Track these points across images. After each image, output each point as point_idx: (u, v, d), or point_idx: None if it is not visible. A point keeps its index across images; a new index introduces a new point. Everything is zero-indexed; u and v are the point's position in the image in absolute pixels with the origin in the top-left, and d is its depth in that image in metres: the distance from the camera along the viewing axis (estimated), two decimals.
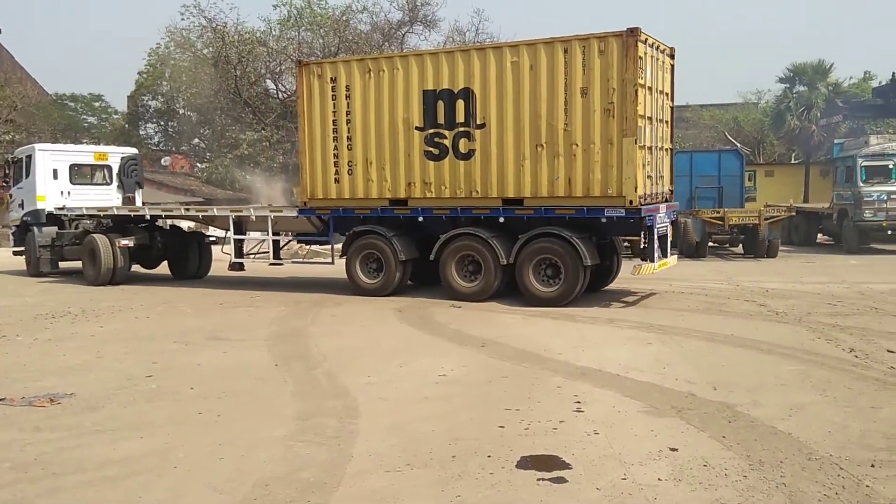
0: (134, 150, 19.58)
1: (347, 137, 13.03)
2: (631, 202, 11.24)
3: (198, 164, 39.70)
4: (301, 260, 15.77)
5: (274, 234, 14.48)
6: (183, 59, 34.29)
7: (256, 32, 31.58)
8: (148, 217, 15.96)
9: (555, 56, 11.50)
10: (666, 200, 12.58)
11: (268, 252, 14.68)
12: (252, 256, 15.20)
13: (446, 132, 12.34)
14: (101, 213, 16.21)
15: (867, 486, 4.51)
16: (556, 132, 11.58)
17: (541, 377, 7.36)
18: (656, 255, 11.76)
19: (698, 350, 8.58)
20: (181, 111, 37.69)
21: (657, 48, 11.84)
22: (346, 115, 13.00)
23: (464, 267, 12.44)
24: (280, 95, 33.19)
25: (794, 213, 22.25)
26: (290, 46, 31.59)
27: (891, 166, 20.68)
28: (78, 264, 16.46)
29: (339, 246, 14.07)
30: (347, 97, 12.97)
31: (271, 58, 31.65)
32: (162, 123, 39.25)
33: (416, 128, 12.51)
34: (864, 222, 20.63)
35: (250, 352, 8.85)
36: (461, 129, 12.23)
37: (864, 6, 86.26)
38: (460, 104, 12.17)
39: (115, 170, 17.92)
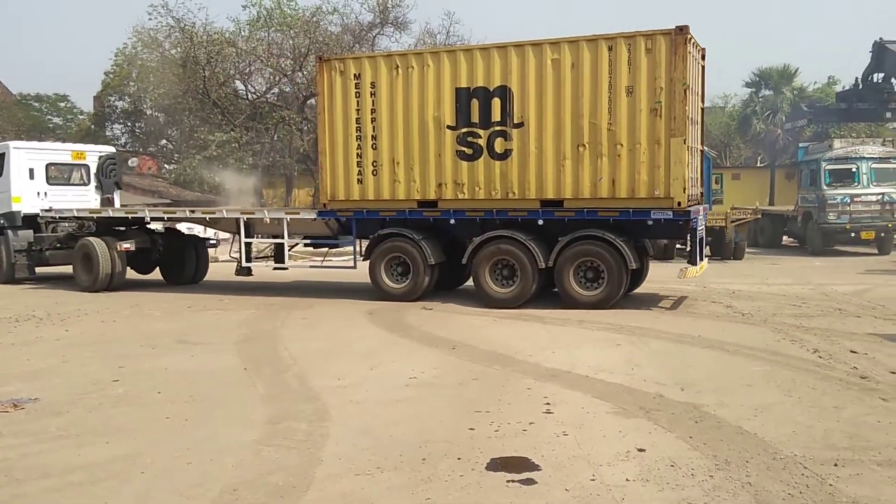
0: (111, 149, 18.85)
1: (372, 136, 12.55)
2: (679, 204, 11.08)
3: (165, 166, 39.26)
4: (320, 264, 15.03)
5: (276, 236, 14.02)
6: (150, 59, 33.83)
7: (225, 33, 31.27)
8: (148, 219, 15.20)
9: (598, 54, 11.24)
10: (698, 202, 12.30)
11: (272, 256, 14.27)
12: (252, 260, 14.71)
13: (481, 131, 11.97)
14: (96, 216, 15.39)
15: (830, 484, 4.59)
16: (600, 132, 11.32)
17: (511, 379, 7.39)
18: (699, 257, 11.70)
19: (666, 351, 8.67)
20: (148, 112, 37.21)
21: (695, 47, 11.59)
22: (371, 113, 12.51)
23: (497, 271, 12.09)
24: (249, 96, 32.93)
25: (759, 216, 22.60)
26: (260, 47, 31.34)
27: (854, 170, 21.08)
28: (58, 270, 15.89)
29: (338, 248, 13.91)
30: (372, 94, 12.49)
31: (240, 58, 31.38)
32: (129, 124, 38.72)
33: (448, 127, 12.11)
34: (828, 225, 21.01)
35: (219, 355, 8.77)
36: (497, 128, 11.87)
37: (828, 12, 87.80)
38: (496, 102, 11.82)
39: (93, 169, 17.26)
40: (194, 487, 4.73)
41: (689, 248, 11.86)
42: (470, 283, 12.79)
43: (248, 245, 14.20)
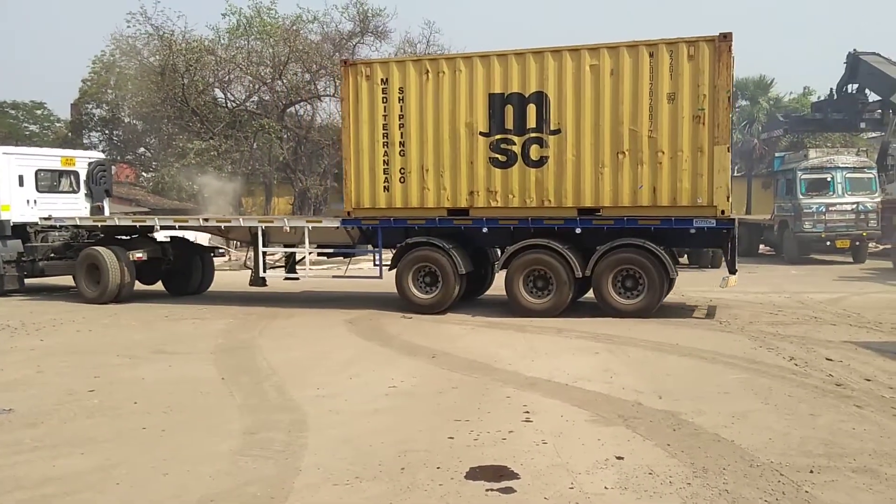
0: (101, 155, 18.24)
1: (400, 143, 12.24)
2: (723, 212, 11.03)
3: (143, 174, 38.99)
4: (342, 274, 14.35)
5: (287, 245, 13.76)
6: (129, 66, 33.63)
7: (204, 41, 31.17)
8: (158, 228, 14.62)
9: (639, 60, 11.13)
10: None
11: (283, 265, 13.98)
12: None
13: (515, 138, 11.75)
14: (101, 225, 14.83)
15: (806, 491, 4.63)
16: (640, 139, 11.20)
17: (491, 388, 7.39)
18: (736, 265, 11.67)
19: (645, 359, 8.71)
20: (126, 119, 36.98)
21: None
22: (399, 118, 12.22)
23: (530, 281, 11.92)
24: (228, 104, 32.81)
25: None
26: (239, 55, 31.25)
27: (829, 179, 21.33)
28: (51, 281, 15.42)
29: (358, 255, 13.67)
30: (401, 100, 12.19)
31: (220, 66, 31.26)
32: (106, 132, 38.41)
33: (481, 133, 11.88)
34: (804, 233, 21.24)
35: (196, 365, 8.71)
36: (533, 134, 11.66)
37: (804, 24, 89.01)
38: (531, 109, 11.62)
39: (83, 176, 16.65)
40: (171, 498, 4.69)
41: (728, 258, 11.77)
42: (492, 292, 12.64)
43: (264, 254, 13.86)
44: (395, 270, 12.55)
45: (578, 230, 11.66)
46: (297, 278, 14.31)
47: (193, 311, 13.09)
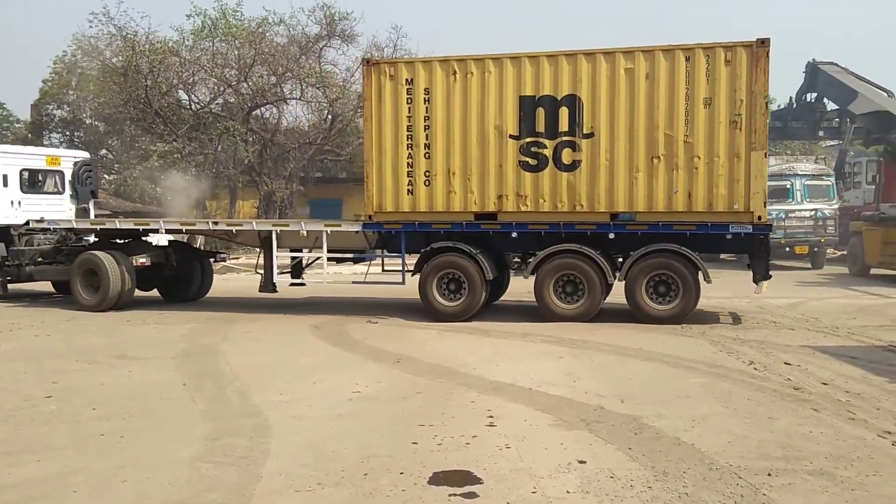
0: (86, 155, 17.36)
1: (425, 145, 11.93)
2: (759, 218, 11.07)
3: (105, 176, 38.41)
4: (363, 280, 13.48)
5: (295, 250, 13.37)
6: (91, 67, 33.14)
7: (169, 42, 30.85)
8: (163, 231, 13.87)
9: (675, 64, 11.08)
10: None
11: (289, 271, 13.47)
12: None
13: (546, 141, 11.56)
14: (99, 228, 14.19)
15: (764, 494, 4.70)
16: (676, 144, 11.14)
17: (455, 392, 7.40)
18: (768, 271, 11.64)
19: (608, 363, 8.79)
20: (88, 121, 36.43)
21: None
22: (425, 120, 11.90)
23: (559, 286, 11.75)
24: (193, 106, 32.47)
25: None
26: (204, 57, 30.95)
27: (788, 186, 21.71)
28: (36, 287, 14.85)
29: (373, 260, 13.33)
30: (426, 101, 11.88)
31: (184, 68, 30.94)
32: (67, 133, 37.77)
33: (511, 136, 11.66)
34: None
35: (157, 370, 8.59)
36: (565, 138, 11.49)
37: (763, 33, 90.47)
38: (564, 112, 11.46)
39: (68, 176, 15.80)
40: None
41: (762, 264, 11.82)
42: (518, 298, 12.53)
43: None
44: (417, 276, 12.25)
45: (612, 235, 11.54)
46: (304, 284, 13.85)
47: (156, 315, 12.92)
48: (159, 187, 29.51)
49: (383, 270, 13.29)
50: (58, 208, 15.47)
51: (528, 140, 11.65)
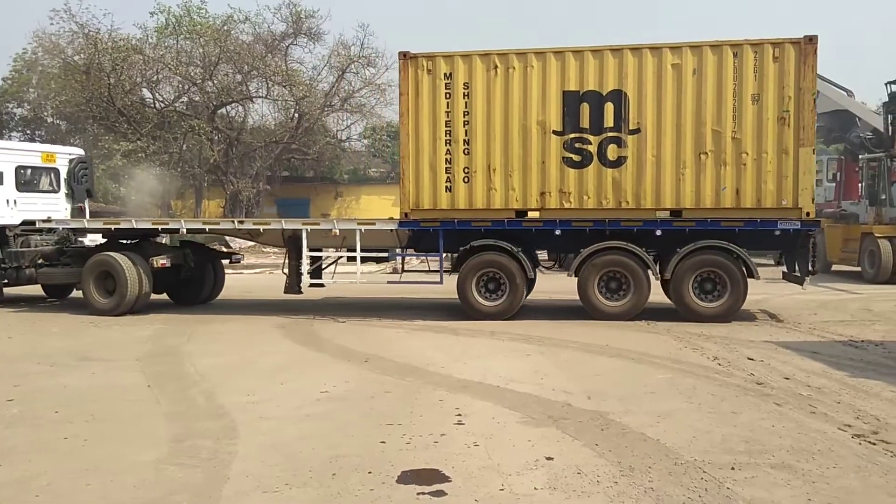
0: (81, 152, 16.73)
1: (465, 141, 11.71)
2: (808, 214, 11.06)
3: None
4: (398, 280, 13.15)
5: (313, 249, 12.79)
6: (52, 65, 32.63)
7: (132, 39, 30.46)
8: (184, 231, 13.31)
9: (723, 60, 11.07)
10: None
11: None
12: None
13: (591, 137, 11.43)
14: (113, 228, 13.52)
15: (728, 487, 4.77)
16: (724, 140, 11.13)
17: (423, 391, 7.40)
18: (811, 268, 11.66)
19: (574, 360, 8.86)
20: (49, 119, 35.83)
21: None
22: (464, 115, 11.68)
23: (603, 284, 11.67)
24: (157, 105, 32.10)
25: None
26: (168, 55, 30.63)
27: None
28: (28, 290, 14.41)
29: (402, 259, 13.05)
30: (466, 96, 11.67)
31: (148, 66, 30.59)
32: (28, 132, 37.11)
33: (554, 132, 11.52)
34: None
35: (122, 372, 8.48)
36: (610, 134, 11.38)
37: (722, 34, 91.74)
38: (609, 107, 11.37)
39: (63, 174, 15.11)
40: None
41: (808, 259, 11.72)
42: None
43: (299, 262, 12.80)
44: (456, 276, 12.07)
45: (659, 232, 11.45)
46: (323, 285, 13.33)
47: (119, 318, 12.73)
48: (123, 187, 29.12)
49: (403, 271, 13.08)
50: (53, 207, 14.80)
51: (571, 136, 11.54)
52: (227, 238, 14.50)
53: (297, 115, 33.43)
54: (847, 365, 8.37)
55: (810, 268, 11.59)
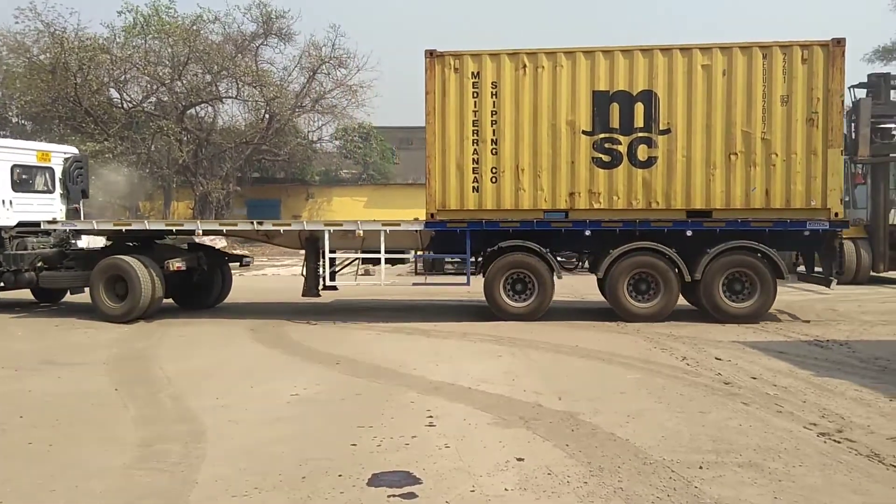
0: (75, 150, 16.06)
1: (493, 141, 11.61)
2: (836, 214, 11.18)
3: None
4: (422, 281, 13.05)
5: (332, 250, 12.41)
6: (17, 64, 32.06)
7: (99, 39, 30.06)
8: (200, 232, 12.86)
9: (753, 61, 11.18)
10: None
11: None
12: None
13: (621, 137, 11.45)
14: (124, 230, 13.02)
15: (696, 486, 4.82)
16: (753, 141, 11.23)
17: (395, 393, 7.39)
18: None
19: (545, 361, 8.89)
20: (14, 119, 35.20)
21: None
22: (492, 115, 11.59)
23: (632, 284, 11.66)
24: (125, 105, 31.70)
25: None
26: (136, 55, 30.28)
27: None
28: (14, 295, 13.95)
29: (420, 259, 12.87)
30: (494, 95, 11.58)
31: (115, 66, 30.20)
32: None
33: (584, 132, 11.50)
34: None
35: (88, 376, 8.36)
36: (640, 134, 11.41)
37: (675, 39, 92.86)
38: (639, 107, 11.40)
39: (58, 174, 14.44)
40: None
41: (830, 260, 11.95)
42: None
43: (316, 265, 12.52)
44: (483, 277, 11.98)
45: (689, 233, 11.45)
46: (336, 288, 12.94)
47: (86, 319, 12.55)
48: (90, 188, 28.66)
49: (429, 273, 12.94)
50: (48, 208, 14.20)
51: (601, 136, 11.54)
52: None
53: (267, 115, 33.24)
54: (812, 364, 8.50)
55: (838, 269, 11.69)
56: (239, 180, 34.71)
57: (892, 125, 17.17)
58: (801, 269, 13.10)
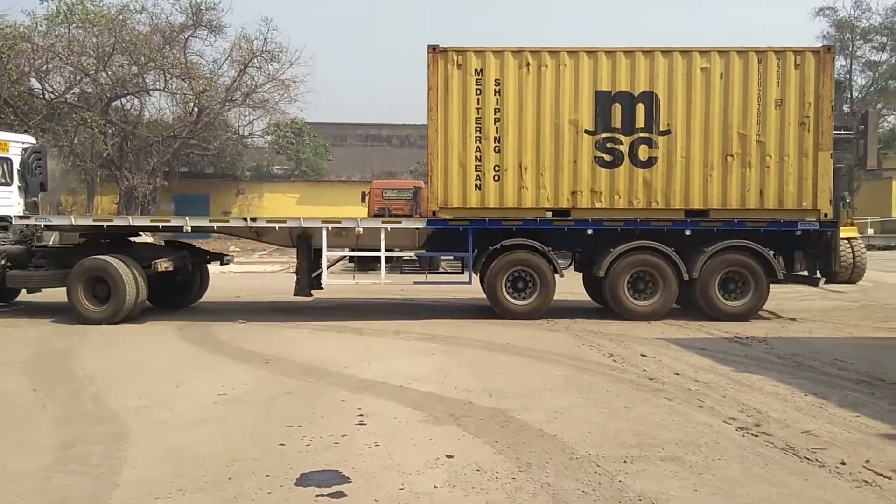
0: (33, 140, 14.93)
1: (495, 138, 11.59)
2: (826, 215, 11.48)
3: None
4: (424, 280, 12.99)
5: (317, 249, 12.13)
6: None
7: (19, 27, 28.96)
8: (188, 229, 12.11)
9: (749, 65, 11.46)
10: None
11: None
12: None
13: (623, 137, 11.58)
14: (106, 225, 12.35)
15: (620, 480, 4.93)
16: (749, 143, 11.51)
17: (325, 392, 7.34)
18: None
19: (477, 359, 8.96)
20: None
21: None
22: (495, 112, 11.56)
23: (631, 283, 11.77)
24: (47, 96, 30.61)
25: None
26: (59, 44, 29.28)
27: None
28: None
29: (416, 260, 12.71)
30: (497, 92, 11.56)
31: (36, 55, 29.13)
32: None
33: (587, 131, 11.58)
34: None
35: (5, 376, 8.06)
36: (641, 134, 11.57)
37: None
38: (640, 108, 11.55)
39: (16, 165, 13.37)
40: None
41: (821, 260, 12.08)
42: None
43: (315, 263, 12.21)
44: (484, 275, 11.96)
45: (688, 232, 11.67)
46: (322, 287, 12.61)
47: (7, 317, 12.10)
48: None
49: (430, 272, 12.88)
50: (6, 202, 13.18)
51: (603, 135, 11.65)
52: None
53: (196, 109, 32.54)
54: (732, 360, 8.78)
55: (835, 268, 12.04)
56: (166, 175, 33.90)
57: None
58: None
